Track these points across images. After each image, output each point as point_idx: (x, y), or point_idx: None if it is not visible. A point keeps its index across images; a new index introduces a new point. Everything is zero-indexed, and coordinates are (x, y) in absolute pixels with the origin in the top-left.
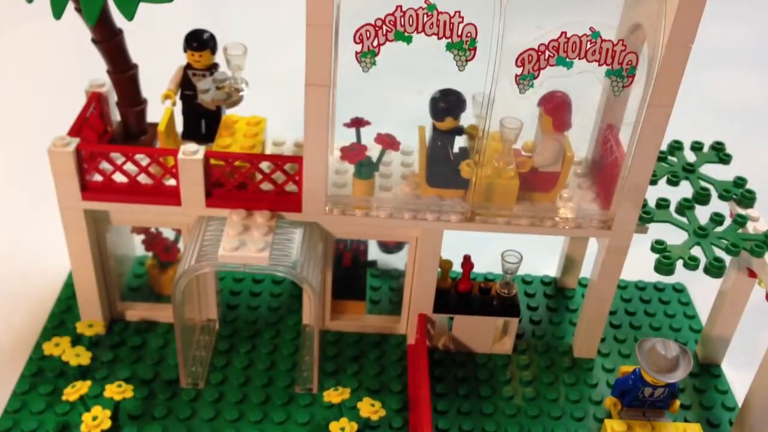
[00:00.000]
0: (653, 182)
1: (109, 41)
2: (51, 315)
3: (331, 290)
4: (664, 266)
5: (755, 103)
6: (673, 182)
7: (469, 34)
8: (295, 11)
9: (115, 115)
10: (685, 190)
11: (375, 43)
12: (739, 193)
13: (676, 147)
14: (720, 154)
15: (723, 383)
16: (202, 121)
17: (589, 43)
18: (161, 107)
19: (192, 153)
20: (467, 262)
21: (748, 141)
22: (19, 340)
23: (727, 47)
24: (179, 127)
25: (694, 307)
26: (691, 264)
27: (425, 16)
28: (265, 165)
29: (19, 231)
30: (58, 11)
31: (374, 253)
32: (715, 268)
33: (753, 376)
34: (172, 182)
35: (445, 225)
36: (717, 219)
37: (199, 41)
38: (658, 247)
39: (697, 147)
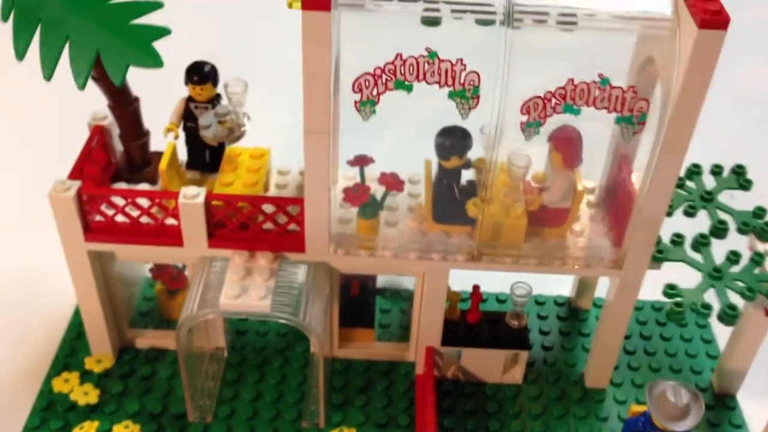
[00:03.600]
0: (669, 213)
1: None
2: (62, 343)
3: (340, 318)
4: (676, 315)
5: None
6: (690, 213)
7: (471, 82)
8: (295, 36)
9: (119, 146)
10: (703, 220)
11: (374, 93)
12: (759, 225)
13: (694, 172)
14: (740, 179)
15: (737, 417)
16: (206, 151)
17: (597, 90)
18: (164, 139)
19: (192, 197)
20: (476, 293)
21: None
22: (30, 370)
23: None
24: (183, 157)
25: (711, 330)
26: (704, 312)
27: (426, 64)
28: (266, 206)
29: (29, 257)
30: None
31: (383, 278)
32: (728, 317)
33: None
34: (174, 221)
35: (451, 264)
36: (733, 258)
37: (200, 74)
38: (671, 292)
39: (716, 171)
